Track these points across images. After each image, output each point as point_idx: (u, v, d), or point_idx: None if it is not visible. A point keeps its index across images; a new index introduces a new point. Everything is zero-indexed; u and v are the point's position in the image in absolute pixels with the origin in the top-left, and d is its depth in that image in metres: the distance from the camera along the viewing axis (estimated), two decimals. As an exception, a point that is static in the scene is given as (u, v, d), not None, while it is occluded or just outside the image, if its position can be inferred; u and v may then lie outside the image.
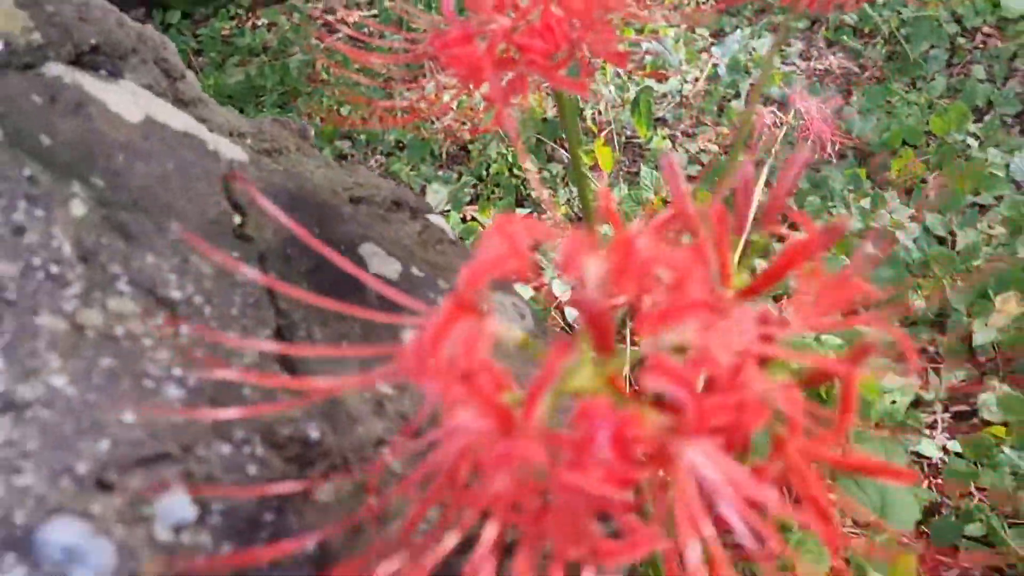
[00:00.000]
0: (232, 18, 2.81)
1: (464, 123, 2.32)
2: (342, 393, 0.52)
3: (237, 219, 0.64)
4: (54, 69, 0.62)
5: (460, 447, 0.34)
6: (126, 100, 0.65)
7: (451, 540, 0.35)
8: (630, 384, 0.45)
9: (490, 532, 0.34)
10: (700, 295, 0.34)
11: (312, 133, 0.91)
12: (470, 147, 2.18)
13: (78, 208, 0.50)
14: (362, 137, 2.20)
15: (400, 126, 2.10)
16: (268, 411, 0.45)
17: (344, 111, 2.21)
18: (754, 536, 0.34)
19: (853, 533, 1.00)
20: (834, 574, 0.92)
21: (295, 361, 0.52)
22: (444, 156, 2.18)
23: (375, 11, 2.75)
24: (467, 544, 0.35)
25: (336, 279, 0.65)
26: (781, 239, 1.32)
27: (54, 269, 0.46)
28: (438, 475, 0.35)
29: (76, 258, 0.48)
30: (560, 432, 0.33)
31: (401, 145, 2.19)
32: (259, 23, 2.79)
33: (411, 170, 2.09)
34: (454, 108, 0.80)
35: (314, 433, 0.48)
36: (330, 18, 2.84)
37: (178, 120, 0.68)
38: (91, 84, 0.63)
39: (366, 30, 2.68)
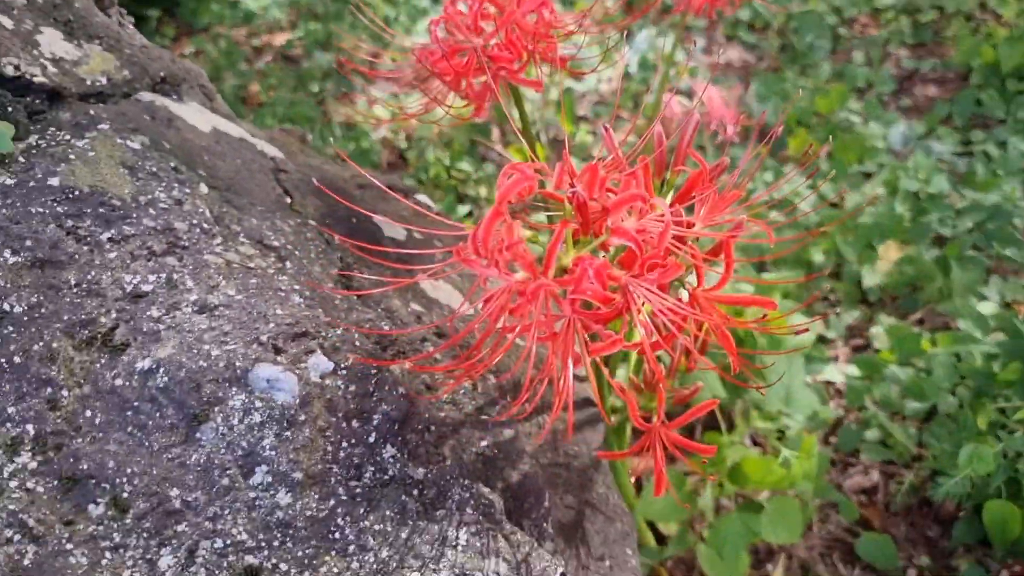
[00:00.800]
0: (158, 47, 3.01)
1: (397, 132, 2.59)
2: (397, 309, 0.79)
3: (288, 199, 0.90)
4: (145, 96, 0.87)
5: (508, 291, 0.61)
6: (196, 116, 0.90)
7: (509, 344, 0.62)
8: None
9: (530, 341, 0.61)
10: (635, 194, 0.62)
11: (310, 138, 1.16)
12: (407, 154, 2.45)
13: (204, 188, 0.76)
14: (305, 152, 2.43)
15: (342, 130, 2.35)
16: (358, 301, 0.71)
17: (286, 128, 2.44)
18: (676, 328, 0.62)
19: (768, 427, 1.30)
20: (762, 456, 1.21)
21: (358, 286, 0.79)
22: (384, 165, 2.44)
23: (300, 33, 2.99)
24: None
25: (365, 238, 0.91)
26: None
27: (205, 226, 0.71)
28: (495, 312, 0.62)
29: (213, 219, 0.73)
30: (564, 277, 0.60)
31: (343, 159, 2.43)
32: (186, 52, 3.00)
33: (355, 179, 2.34)
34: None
35: (386, 327, 0.74)
36: (256, 42, 3.07)
37: (233, 129, 0.93)
38: (172, 105, 0.88)
39: (295, 50, 2.93)
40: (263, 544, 0.57)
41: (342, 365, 0.67)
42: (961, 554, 1.34)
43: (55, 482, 0.56)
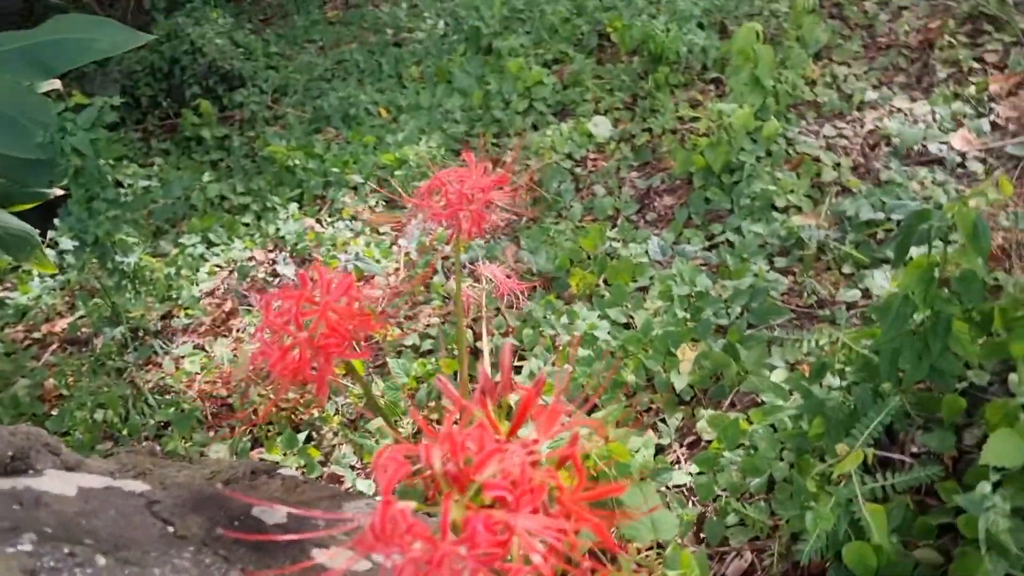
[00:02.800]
0: (-68, 370, 2.86)
1: (214, 383, 2.60)
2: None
3: (170, 529, 0.94)
4: (5, 484, 0.89)
5: (416, 561, 0.70)
6: (57, 484, 0.93)
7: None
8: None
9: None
10: (490, 448, 0.74)
11: (159, 449, 1.20)
12: (231, 400, 2.46)
13: (100, 559, 0.79)
14: (125, 432, 2.38)
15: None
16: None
17: (98, 416, 2.39)
18: (558, 544, 0.73)
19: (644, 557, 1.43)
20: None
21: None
22: (210, 417, 2.43)
23: (81, 312, 2.95)
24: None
25: (253, 532, 0.96)
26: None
27: (117, 598, 0.75)
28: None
29: (121, 588, 0.77)
30: (458, 537, 0.70)
31: (166, 424, 2.40)
32: (-36, 367, 2.86)
33: (186, 443, 2.31)
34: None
35: (309, 623, 0.80)
36: (37, 334, 2.99)
37: (95, 480, 0.96)
38: (32, 483, 0.91)
39: (80, 333, 2.88)
40: None
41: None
42: (839, 600, 1.51)
43: None
